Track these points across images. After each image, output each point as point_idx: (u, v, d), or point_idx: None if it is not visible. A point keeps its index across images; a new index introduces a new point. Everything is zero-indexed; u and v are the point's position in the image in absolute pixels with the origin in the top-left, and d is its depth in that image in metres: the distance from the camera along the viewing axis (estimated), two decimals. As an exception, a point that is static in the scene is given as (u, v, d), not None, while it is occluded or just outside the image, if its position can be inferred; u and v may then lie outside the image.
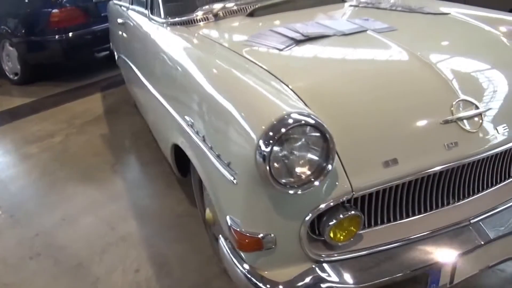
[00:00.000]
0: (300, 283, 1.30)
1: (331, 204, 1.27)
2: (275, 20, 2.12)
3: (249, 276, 1.34)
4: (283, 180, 1.17)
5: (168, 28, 2.20)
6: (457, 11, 2.09)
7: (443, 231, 1.43)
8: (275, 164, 1.15)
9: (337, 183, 1.26)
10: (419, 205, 1.45)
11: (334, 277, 1.33)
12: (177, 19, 2.21)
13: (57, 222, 2.60)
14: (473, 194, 1.52)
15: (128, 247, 2.31)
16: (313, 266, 1.34)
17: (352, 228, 1.34)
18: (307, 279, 1.31)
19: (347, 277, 1.33)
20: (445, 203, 1.48)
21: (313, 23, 1.90)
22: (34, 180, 3.16)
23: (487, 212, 1.48)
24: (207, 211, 1.92)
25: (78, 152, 3.51)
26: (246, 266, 1.36)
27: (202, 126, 1.50)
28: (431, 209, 1.47)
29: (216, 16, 2.17)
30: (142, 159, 3.22)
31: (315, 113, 1.19)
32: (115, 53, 3.85)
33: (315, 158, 1.19)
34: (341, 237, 1.34)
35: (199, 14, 2.18)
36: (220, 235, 1.56)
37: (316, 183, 1.18)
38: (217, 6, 2.19)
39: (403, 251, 1.39)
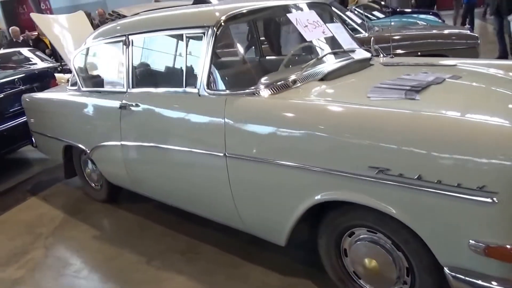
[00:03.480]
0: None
1: None
2: (350, 81, 2.43)
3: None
4: None
5: (251, 97, 2.27)
6: (455, 63, 2.72)
7: None
8: None
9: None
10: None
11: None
12: (245, 88, 2.30)
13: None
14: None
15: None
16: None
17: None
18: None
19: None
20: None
21: (399, 79, 2.26)
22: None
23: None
24: (366, 261, 2.03)
25: (83, 261, 3.00)
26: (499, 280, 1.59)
27: (415, 167, 1.64)
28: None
29: (294, 83, 2.36)
30: (175, 249, 2.94)
31: None
32: (83, 146, 3.48)
33: None
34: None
35: (280, 81, 2.32)
36: (446, 268, 1.71)
37: None
38: (294, 74, 2.38)
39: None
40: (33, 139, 4.24)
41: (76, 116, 3.47)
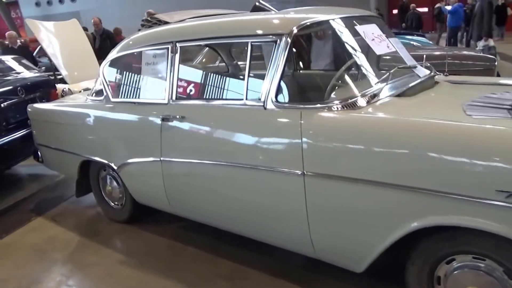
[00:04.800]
0: None
1: None
2: (431, 98, 2.32)
3: None
4: None
5: (337, 112, 2.10)
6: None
7: None
8: None
9: None
10: None
11: None
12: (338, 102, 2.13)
13: None
14: None
15: None
16: None
17: None
18: None
19: None
20: None
21: (489, 97, 2.14)
22: None
23: None
24: (471, 291, 1.87)
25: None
26: None
27: None
28: None
29: (373, 97, 2.21)
30: (218, 275, 2.68)
31: None
32: (108, 162, 3.17)
33: None
34: None
35: (360, 97, 2.17)
36: None
37: None
38: (374, 89, 2.23)
39: None
40: (38, 153, 3.86)
41: (102, 129, 3.17)
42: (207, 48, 4.41)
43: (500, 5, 13.65)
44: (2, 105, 4.11)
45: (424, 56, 3.03)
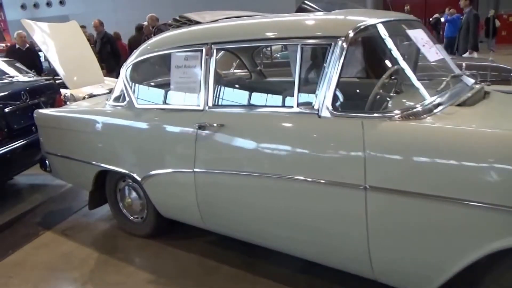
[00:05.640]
0: None
1: None
2: (493, 108, 2.20)
3: None
4: None
5: (400, 121, 1.95)
6: None
7: None
8: None
9: None
10: None
11: None
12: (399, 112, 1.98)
13: None
14: None
15: None
16: None
17: None
18: None
19: None
20: None
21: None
22: None
23: None
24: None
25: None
26: None
27: None
28: None
29: (437, 107, 2.07)
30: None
31: None
32: (130, 172, 2.95)
33: None
34: None
35: (421, 106, 2.02)
36: None
37: None
38: (437, 98, 2.10)
39: None
40: (46, 162, 3.60)
41: (124, 137, 2.95)
42: (222, 52, 4.26)
43: (490, 17, 13.87)
44: (4, 110, 3.85)
45: (464, 65, 2.92)
